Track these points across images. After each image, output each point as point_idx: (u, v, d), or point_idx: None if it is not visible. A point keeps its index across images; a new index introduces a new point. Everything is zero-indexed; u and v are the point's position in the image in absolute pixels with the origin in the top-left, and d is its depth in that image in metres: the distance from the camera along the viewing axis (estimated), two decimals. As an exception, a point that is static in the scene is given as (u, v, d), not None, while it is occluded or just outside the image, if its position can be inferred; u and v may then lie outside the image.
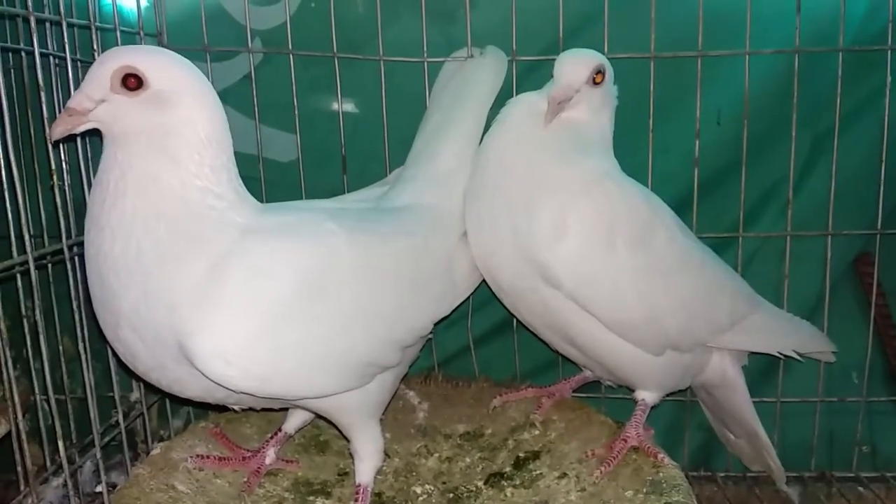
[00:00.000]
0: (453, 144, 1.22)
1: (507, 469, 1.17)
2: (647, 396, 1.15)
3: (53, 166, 1.04)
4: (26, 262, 1.01)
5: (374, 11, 1.30)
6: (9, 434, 1.05)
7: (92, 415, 1.16)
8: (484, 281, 1.27)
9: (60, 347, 1.20)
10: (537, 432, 1.22)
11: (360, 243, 1.02)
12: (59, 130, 0.87)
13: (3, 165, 0.98)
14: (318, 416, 1.14)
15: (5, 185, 0.98)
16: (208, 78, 1.07)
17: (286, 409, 1.17)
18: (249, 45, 1.32)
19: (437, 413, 1.31)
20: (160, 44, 1.32)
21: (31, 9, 0.98)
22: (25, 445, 1.03)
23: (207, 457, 1.12)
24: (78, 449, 1.20)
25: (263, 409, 1.13)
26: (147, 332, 0.89)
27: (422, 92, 1.32)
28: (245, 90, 1.35)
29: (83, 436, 1.21)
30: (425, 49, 1.30)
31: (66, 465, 1.07)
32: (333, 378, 0.98)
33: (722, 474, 1.42)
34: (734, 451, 1.39)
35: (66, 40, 1.09)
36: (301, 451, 1.21)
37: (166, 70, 0.90)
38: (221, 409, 1.13)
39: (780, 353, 1.24)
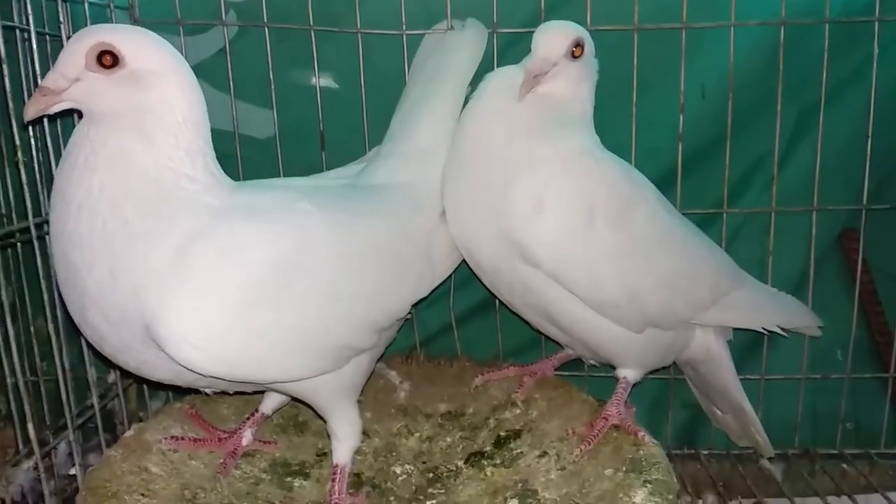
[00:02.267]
0: (431, 121, 1.19)
1: (488, 448, 1.16)
2: (628, 374, 1.14)
3: (18, 142, 1.01)
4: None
5: (348, -21, 1.27)
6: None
7: (63, 396, 1.13)
8: (464, 260, 1.25)
9: (32, 329, 1.18)
10: (518, 411, 1.21)
11: (335, 224, 1.00)
12: (32, 111, 0.85)
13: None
14: (295, 399, 1.12)
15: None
16: (182, 52, 1.04)
17: (262, 392, 1.15)
18: (224, 17, 1.28)
19: (418, 393, 1.29)
20: (131, 17, 1.29)
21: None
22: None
23: (182, 438, 1.11)
24: (52, 431, 1.19)
25: (237, 392, 1.11)
26: (113, 314, 0.87)
27: (401, 66, 1.28)
28: (220, 65, 1.31)
29: (59, 418, 1.19)
30: (404, 21, 1.26)
31: (37, 449, 1.04)
32: (306, 362, 0.96)
33: (705, 452, 1.42)
34: (721, 427, 1.38)
35: (30, 12, 1.05)
36: (279, 431, 1.20)
37: (144, 49, 0.88)
38: (196, 391, 1.11)
39: (765, 329, 1.23)
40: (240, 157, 1.32)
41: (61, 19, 1.13)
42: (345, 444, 1.06)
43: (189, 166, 0.89)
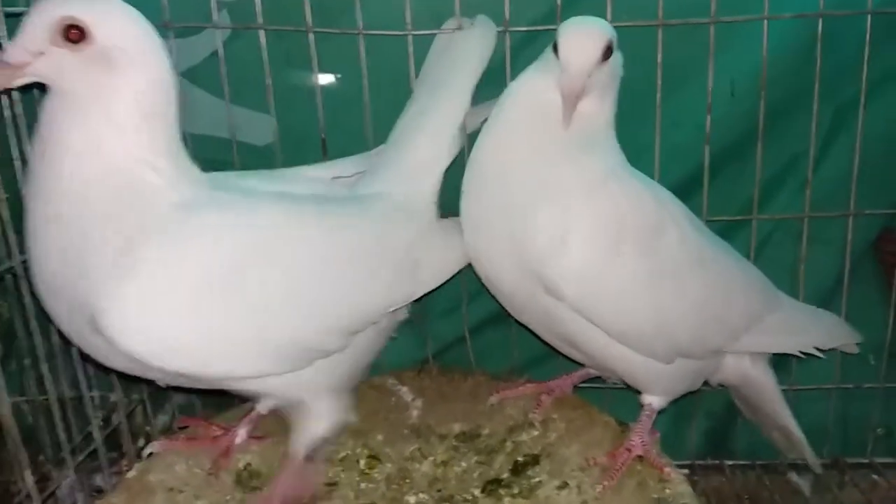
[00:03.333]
0: (431, 130, 1.13)
1: (505, 475, 1.10)
2: (654, 401, 1.08)
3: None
4: None
5: (349, -24, 1.18)
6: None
7: (62, 437, 1.09)
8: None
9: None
10: (536, 433, 1.16)
11: (298, 225, 0.96)
12: None
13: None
14: None
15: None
16: (172, 56, 0.95)
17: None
18: (216, 18, 1.20)
19: (431, 411, 1.24)
20: (116, 20, 1.20)
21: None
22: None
23: (176, 440, 1.10)
24: (54, 463, 1.15)
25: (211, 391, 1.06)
26: (64, 298, 0.85)
27: (406, 67, 1.20)
28: (213, 68, 1.23)
29: (60, 446, 1.15)
30: (409, 21, 1.17)
31: (35, 496, 1.00)
32: (260, 360, 0.92)
33: (730, 463, 1.37)
34: (766, 436, 1.31)
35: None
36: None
37: (115, 24, 0.83)
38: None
39: (801, 353, 1.16)
40: (238, 166, 1.25)
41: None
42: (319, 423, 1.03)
43: (154, 155, 0.86)
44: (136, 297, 0.82)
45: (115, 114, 0.82)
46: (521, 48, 1.18)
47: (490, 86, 1.15)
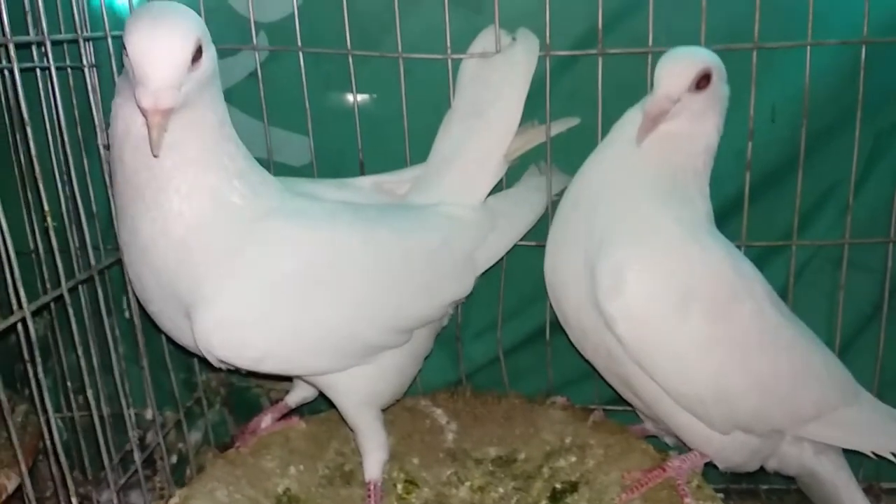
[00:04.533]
0: (481, 150, 1.15)
1: (543, 503, 1.11)
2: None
3: (47, 207, 0.94)
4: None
5: (389, -1, 1.17)
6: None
7: (106, 462, 1.09)
8: (517, 290, 1.27)
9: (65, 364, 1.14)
10: (574, 459, 1.15)
11: (374, 236, 1.02)
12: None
13: None
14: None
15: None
16: None
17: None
18: (255, 41, 1.20)
19: (466, 434, 1.24)
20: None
21: (8, 34, 0.86)
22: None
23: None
24: (93, 483, 1.16)
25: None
26: (163, 298, 0.92)
27: (445, 89, 1.19)
28: (251, 89, 1.23)
29: (99, 458, 1.16)
30: (449, 44, 1.17)
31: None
32: (327, 360, 1.00)
33: (765, 487, 1.36)
34: None
35: (49, 57, 0.97)
36: (326, 483, 1.15)
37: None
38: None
39: (875, 454, 1.10)
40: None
41: (83, 52, 1.06)
42: (372, 456, 1.08)
43: (241, 170, 0.93)
44: (229, 301, 0.89)
45: (226, 128, 0.91)
46: (562, 70, 1.18)
47: (527, 108, 1.15)
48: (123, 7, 1.18)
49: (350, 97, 1.23)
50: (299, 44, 1.18)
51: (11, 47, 0.86)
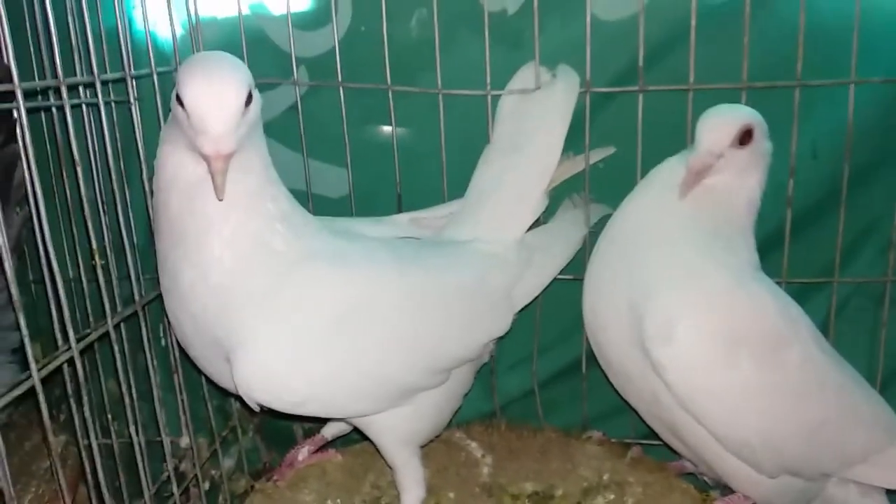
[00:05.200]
0: (521, 187, 1.15)
1: (582, 541, 1.10)
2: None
3: (95, 245, 0.95)
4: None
5: (428, 34, 1.17)
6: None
7: (144, 485, 1.09)
8: (553, 322, 1.26)
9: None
10: (612, 496, 1.15)
11: (411, 277, 1.01)
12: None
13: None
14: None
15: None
16: None
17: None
18: (295, 76, 1.20)
19: (502, 468, 1.23)
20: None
21: (61, 76, 0.87)
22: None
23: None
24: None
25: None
26: (202, 335, 0.92)
27: (483, 123, 1.19)
28: (290, 122, 1.24)
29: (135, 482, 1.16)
30: (489, 81, 1.17)
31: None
32: (367, 403, 1.01)
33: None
34: None
35: (99, 95, 0.98)
36: (362, 516, 1.15)
37: None
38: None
39: None
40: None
41: (130, 90, 1.07)
42: (410, 493, 1.08)
43: (286, 201, 0.94)
44: (268, 346, 0.90)
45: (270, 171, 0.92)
46: (602, 105, 1.18)
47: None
48: (166, 42, 1.19)
49: (388, 130, 1.23)
50: (339, 79, 1.19)
51: (64, 89, 0.87)
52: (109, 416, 1.28)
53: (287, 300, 0.91)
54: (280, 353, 0.90)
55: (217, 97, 0.78)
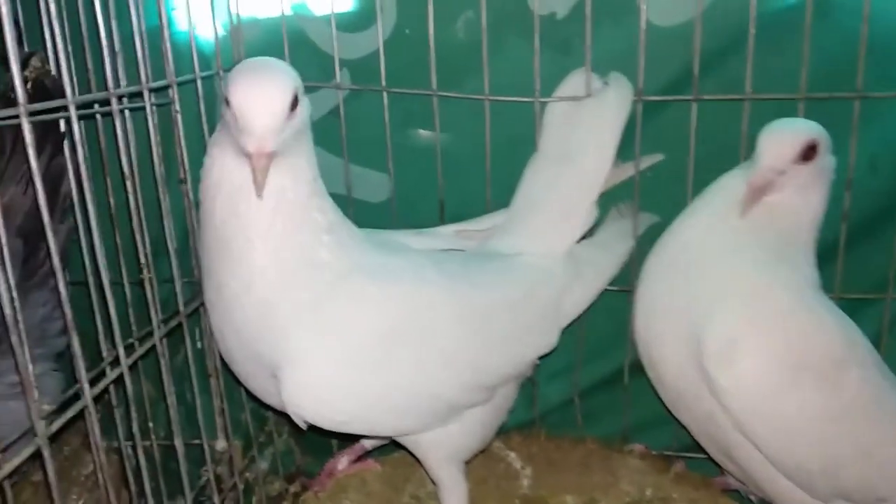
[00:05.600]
0: (571, 197, 1.12)
1: (626, 558, 1.09)
2: None
3: (143, 260, 0.94)
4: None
5: (474, 37, 1.14)
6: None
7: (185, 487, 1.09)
8: (595, 333, 1.24)
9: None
10: (656, 512, 1.14)
11: (458, 293, 0.99)
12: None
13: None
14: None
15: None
16: None
17: None
18: (338, 79, 1.18)
19: (541, 480, 1.22)
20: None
21: (111, 88, 0.85)
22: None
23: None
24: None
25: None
26: (247, 350, 0.91)
27: (529, 130, 1.16)
28: (331, 126, 1.21)
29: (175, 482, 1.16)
30: (538, 87, 1.14)
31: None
32: (413, 421, 1.00)
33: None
34: None
35: (147, 104, 0.96)
36: (405, 531, 1.15)
37: None
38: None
39: None
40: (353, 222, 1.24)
41: (175, 102, 1.04)
42: None
43: (333, 212, 0.94)
44: (314, 365, 0.89)
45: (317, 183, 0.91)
46: (653, 113, 1.15)
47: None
48: (207, 43, 1.17)
49: (431, 135, 1.20)
50: (383, 83, 1.16)
51: (114, 100, 0.85)
52: (149, 420, 1.28)
53: (333, 316, 0.90)
54: (328, 372, 0.90)
55: (262, 96, 0.79)
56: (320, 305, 0.89)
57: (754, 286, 0.95)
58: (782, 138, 0.94)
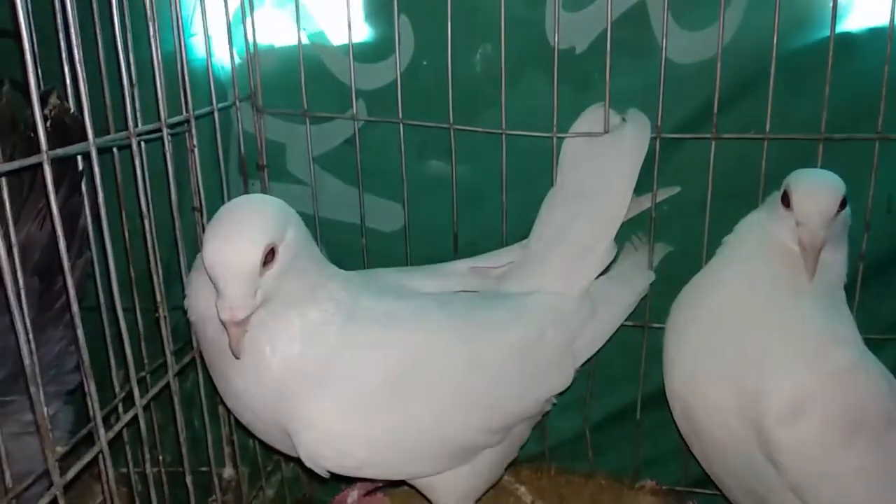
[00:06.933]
0: (588, 235, 1.11)
1: None
2: None
3: (158, 297, 0.93)
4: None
5: (492, 70, 1.13)
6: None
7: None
8: (607, 367, 1.22)
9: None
10: (667, 552, 1.13)
11: (465, 336, 0.99)
12: None
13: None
14: None
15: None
16: (307, 143, 1.14)
17: None
18: (354, 110, 1.17)
19: (552, 516, 1.22)
20: (254, 107, 1.19)
21: (131, 127, 0.84)
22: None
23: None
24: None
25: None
26: (257, 405, 0.91)
27: (545, 164, 1.15)
28: (346, 154, 1.21)
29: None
30: (556, 122, 1.13)
31: None
32: (425, 465, 0.99)
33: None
34: None
35: (165, 142, 0.94)
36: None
37: None
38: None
39: None
40: (366, 251, 1.24)
41: (191, 137, 1.03)
42: None
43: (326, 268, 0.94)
44: (325, 417, 0.89)
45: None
46: (671, 149, 1.14)
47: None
48: (223, 70, 1.16)
49: (446, 167, 1.20)
50: (399, 115, 1.16)
51: (134, 141, 0.84)
52: (158, 447, 1.27)
53: (339, 369, 0.90)
54: (336, 422, 0.90)
55: (231, 267, 0.79)
56: (327, 362, 0.90)
57: (814, 344, 0.94)
58: (824, 195, 0.93)
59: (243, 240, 0.81)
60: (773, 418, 0.91)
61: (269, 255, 0.82)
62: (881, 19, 1.07)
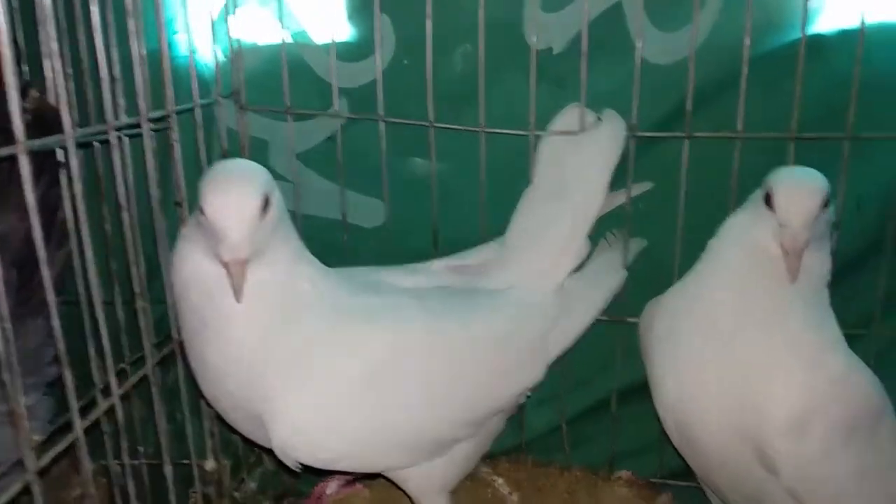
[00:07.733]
0: (563, 232, 1.13)
1: (611, 590, 1.10)
2: None
3: (137, 290, 0.94)
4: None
5: (471, 69, 1.15)
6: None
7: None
8: (583, 360, 1.23)
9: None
10: (642, 545, 1.15)
11: (441, 330, 1.00)
12: None
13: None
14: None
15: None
16: (290, 140, 1.15)
17: None
18: (336, 107, 1.19)
19: (528, 507, 1.23)
20: (237, 104, 1.20)
21: (110, 121, 0.85)
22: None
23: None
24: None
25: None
26: (235, 396, 0.92)
27: (525, 163, 1.17)
28: (328, 152, 1.22)
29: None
30: (533, 120, 1.15)
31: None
32: (401, 458, 1.01)
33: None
34: None
35: (145, 136, 0.96)
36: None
37: None
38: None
39: None
40: (348, 246, 1.25)
41: (173, 132, 1.05)
42: None
43: (313, 278, 0.94)
44: (300, 409, 0.90)
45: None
46: (647, 149, 1.16)
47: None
48: (206, 67, 1.18)
49: (426, 165, 1.21)
50: (381, 113, 1.17)
51: (112, 134, 0.86)
52: (138, 439, 1.28)
53: (315, 361, 0.91)
54: (311, 414, 0.91)
55: (233, 209, 0.82)
56: (303, 353, 0.91)
57: (810, 353, 0.93)
58: (806, 194, 0.90)
59: (244, 185, 0.84)
60: (777, 432, 0.91)
61: (265, 206, 0.84)
62: (851, 22, 1.10)
